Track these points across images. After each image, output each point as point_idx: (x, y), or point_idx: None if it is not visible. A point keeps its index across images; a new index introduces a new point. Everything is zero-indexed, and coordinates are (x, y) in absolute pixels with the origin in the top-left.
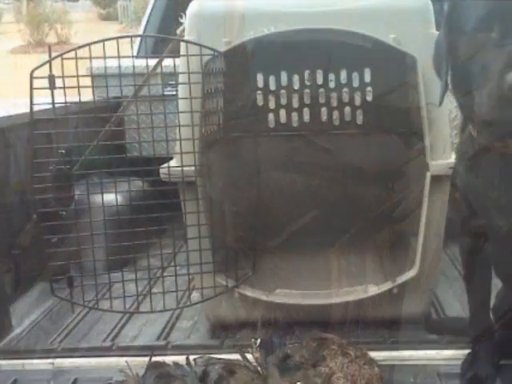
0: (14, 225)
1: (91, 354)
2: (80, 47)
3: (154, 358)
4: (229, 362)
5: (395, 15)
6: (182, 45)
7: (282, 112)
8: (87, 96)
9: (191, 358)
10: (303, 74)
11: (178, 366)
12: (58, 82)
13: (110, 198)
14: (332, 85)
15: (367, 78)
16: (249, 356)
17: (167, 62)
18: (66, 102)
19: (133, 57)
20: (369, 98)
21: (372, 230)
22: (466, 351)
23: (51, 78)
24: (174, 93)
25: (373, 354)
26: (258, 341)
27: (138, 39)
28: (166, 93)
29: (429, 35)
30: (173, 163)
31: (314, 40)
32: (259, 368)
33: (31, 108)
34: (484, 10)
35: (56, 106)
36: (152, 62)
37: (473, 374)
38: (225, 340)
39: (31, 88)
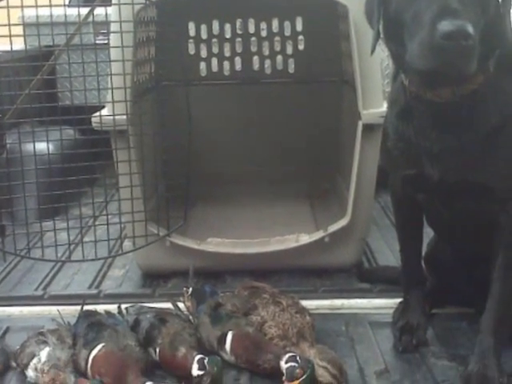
0: None
1: (23, 303)
2: None
3: (86, 307)
4: (160, 311)
5: None
6: None
7: (214, 61)
8: (19, 45)
9: (123, 306)
10: (235, 23)
11: (109, 315)
12: None
13: (41, 146)
14: (264, 33)
15: (299, 26)
16: (180, 305)
17: (99, 11)
18: None
19: (65, 5)
20: (301, 46)
21: (304, 179)
22: (398, 300)
23: None
24: (106, 42)
25: (304, 303)
26: (190, 290)
27: None
28: (97, 42)
29: None
30: (104, 112)
31: None
32: (191, 317)
33: None
34: None
35: None
36: (84, 10)
37: (404, 322)
38: (156, 289)
39: None
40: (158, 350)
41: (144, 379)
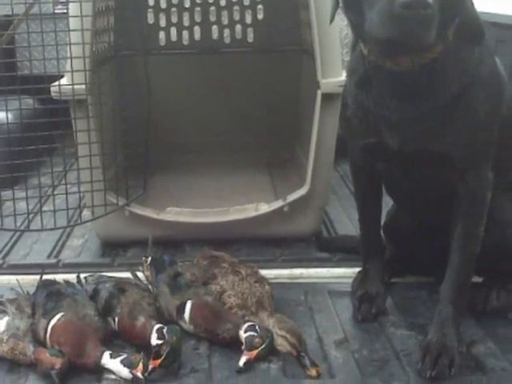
0: None
1: None
2: None
3: (45, 276)
4: (119, 280)
5: None
6: None
7: (173, 30)
8: None
9: (82, 276)
10: None
11: (68, 284)
12: None
13: (0, 116)
14: (223, 3)
15: None
16: (140, 274)
17: None
18: None
19: None
20: (260, 16)
21: (263, 149)
22: (357, 269)
23: None
24: (65, 11)
25: (264, 272)
26: (149, 259)
27: None
28: (56, 11)
29: None
30: (64, 81)
31: None
32: (150, 286)
33: None
34: None
35: None
36: None
37: (363, 291)
38: (115, 258)
39: None
40: (117, 320)
41: (103, 348)
